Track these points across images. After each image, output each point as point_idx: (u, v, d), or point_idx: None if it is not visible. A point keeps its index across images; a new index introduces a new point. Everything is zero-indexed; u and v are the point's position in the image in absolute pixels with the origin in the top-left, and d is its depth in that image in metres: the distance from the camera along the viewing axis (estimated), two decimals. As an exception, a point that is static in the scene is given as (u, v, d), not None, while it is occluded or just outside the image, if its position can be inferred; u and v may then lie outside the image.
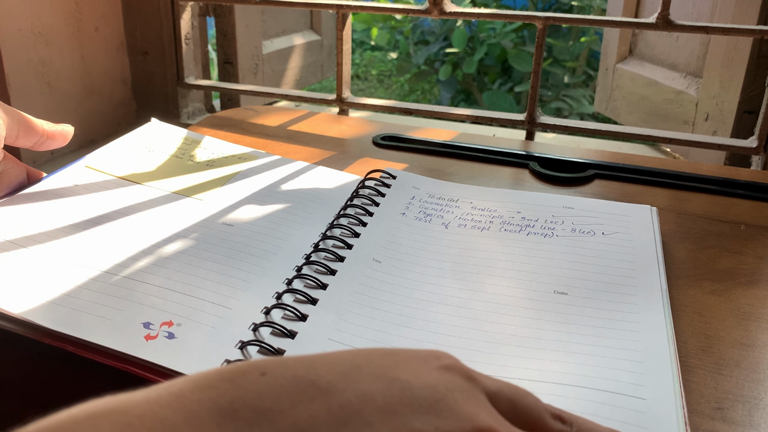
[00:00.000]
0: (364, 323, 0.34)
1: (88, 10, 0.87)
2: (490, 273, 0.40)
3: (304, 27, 1.28)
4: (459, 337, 0.34)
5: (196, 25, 0.95)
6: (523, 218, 0.46)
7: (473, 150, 0.63)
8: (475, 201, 0.48)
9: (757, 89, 0.76)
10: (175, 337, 0.31)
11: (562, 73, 2.56)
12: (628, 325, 0.35)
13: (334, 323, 0.34)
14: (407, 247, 0.42)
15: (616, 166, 0.58)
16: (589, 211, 0.46)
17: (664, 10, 0.67)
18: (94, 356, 0.31)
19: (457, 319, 0.35)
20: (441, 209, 0.47)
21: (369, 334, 0.33)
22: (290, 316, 0.34)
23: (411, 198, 0.49)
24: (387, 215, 0.46)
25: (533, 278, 0.39)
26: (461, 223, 0.45)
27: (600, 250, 0.42)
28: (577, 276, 0.39)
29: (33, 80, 0.81)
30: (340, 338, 0.33)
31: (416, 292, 0.37)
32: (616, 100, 1.07)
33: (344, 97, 0.81)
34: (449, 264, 0.40)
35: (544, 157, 0.60)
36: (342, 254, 0.40)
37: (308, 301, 0.35)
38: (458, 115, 0.77)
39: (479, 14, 0.74)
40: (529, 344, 0.33)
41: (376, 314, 0.35)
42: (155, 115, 0.96)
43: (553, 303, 0.37)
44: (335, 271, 0.38)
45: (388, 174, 0.51)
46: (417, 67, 2.94)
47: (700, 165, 0.60)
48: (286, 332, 0.32)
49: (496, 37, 2.66)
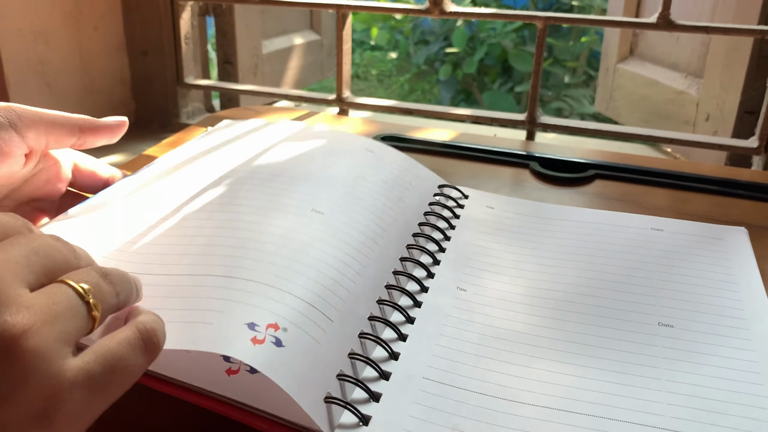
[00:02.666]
0: (459, 359, 0.32)
1: (87, 10, 0.87)
2: (587, 302, 0.37)
3: (304, 27, 1.28)
4: (565, 381, 0.31)
5: (195, 25, 0.95)
6: (611, 240, 0.43)
7: (474, 150, 0.63)
8: (555, 221, 0.45)
9: (758, 89, 0.76)
10: (283, 345, 0.27)
11: (562, 73, 2.56)
12: (744, 365, 0.32)
13: (427, 360, 0.31)
14: (492, 273, 0.39)
15: (616, 166, 0.58)
16: (679, 234, 0.44)
17: (664, 10, 0.66)
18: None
19: (559, 354, 0.33)
20: (522, 229, 0.44)
21: (464, 370, 0.31)
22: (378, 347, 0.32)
23: (488, 218, 0.45)
24: (465, 238, 0.42)
25: (635, 308, 0.36)
26: (545, 245, 0.42)
27: (698, 278, 0.39)
28: (678, 306, 0.36)
29: (32, 80, 0.80)
30: (434, 376, 0.31)
31: (509, 323, 0.35)
32: (616, 100, 1.07)
33: (344, 97, 0.81)
34: (539, 291, 0.38)
35: (544, 157, 0.60)
36: (426, 284, 0.37)
37: (399, 338, 0.32)
38: (458, 115, 0.77)
39: (479, 14, 0.74)
40: (641, 383, 0.31)
41: (469, 348, 0.33)
42: (155, 115, 0.96)
43: (660, 337, 0.34)
44: (420, 303, 0.35)
45: (460, 192, 0.48)
46: (417, 67, 2.94)
47: (700, 165, 0.60)
48: (379, 372, 0.30)
49: (496, 37, 2.66)
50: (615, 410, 0.29)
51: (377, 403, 0.28)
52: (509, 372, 0.31)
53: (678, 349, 0.33)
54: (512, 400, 0.29)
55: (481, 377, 0.31)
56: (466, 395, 0.29)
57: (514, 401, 0.29)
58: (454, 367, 0.31)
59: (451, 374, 0.31)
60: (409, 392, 0.29)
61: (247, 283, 0.30)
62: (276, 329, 0.28)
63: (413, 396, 0.29)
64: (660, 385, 0.31)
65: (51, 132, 0.36)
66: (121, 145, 0.96)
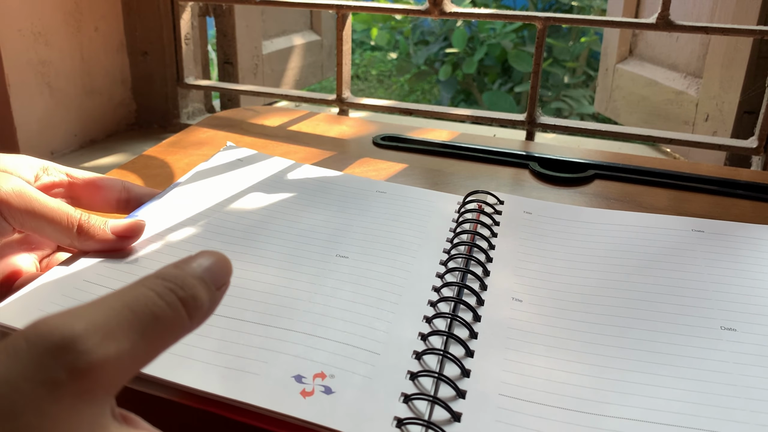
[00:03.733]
0: (530, 372, 0.31)
1: (88, 10, 0.87)
2: (646, 307, 0.36)
3: (304, 27, 1.28)
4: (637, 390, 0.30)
5: (195, 25, 0.95)
6: (655, 243, 0.42)
7: (473, 150, 0.63)
8: (594, 225, 0.44)
9: (758, 89, 0.76)
10: (333, 391, 0.28)
11: (562, 73, 2.56)
12: None
13: (499, 376, 0.30)
14: (543, 281, 0.38)
15: (616, 166, 0.58)
16: (722, 234, 0.43)
17: (664, 11, 0.67)
18: (245, 419, 0.27)
19: (624, 362, 0.32)
20: (564, 235, 0.43)
21: (538, 384, 0.30)
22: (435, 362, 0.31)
23: (528, 224, 0.44)
24: (510, 246, 0.41)
25: (695, 313, 0.35)
26: (591, 249, 0.42)
27: (749, 279, 0.38)
28: (736, 309, 0.36)
29: (33, 80, 0.81)
30: (509, 392, 0.30)
31: (572, 332, 0.34)
32: (616, 101, 1.07)
33: (344, 97, 0.81)
34: (595, 297, 0.37)
35: (544, 158, 0.60)
36: (482, 296, 0.36)
37: (466, 353, 0.31)
38: (458, 115, 0.77)
39: (479, 14, 0.74)
40: (720, 391, 0.30)
41: (537, 361, 0.32)
42: (155, 115, 0.96)
43: (725, 341, 0.33)
44: (480, 317, 0.34)
45: (495, 198, 0.47)
46: (417, 68, 2.94)
47: (700, 165, 0.60)
48: (451, 384, 0.29)
49: (496, 38, 2.66)
50: (700, 420, 0.28)
51: (459, 423, 0.27)
52: (583, 384, 0.30)
53: (746, 353, 0.32)
54: (594, 413, 0.28)
55: (556, 390, 0.30)
56: (545, 410, 0.28)
57: (596, 414, 0.28)
58: (526, 381, 0.30)
59: (526, 389, 0.30)
60: (489, 410, 0.28)
61: (286, 333, 0.31)
62: (323, 378, 0.28)
63: (494, 414, 0.28)
64: (737, 392, 0.30)
65: (43, 231, 0.33)
66: (121, 145, 0.97)
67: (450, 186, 0.55)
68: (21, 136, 0.80)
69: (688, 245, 0.42)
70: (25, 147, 0.81)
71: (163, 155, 0.61)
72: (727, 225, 0.44)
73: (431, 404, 0.28)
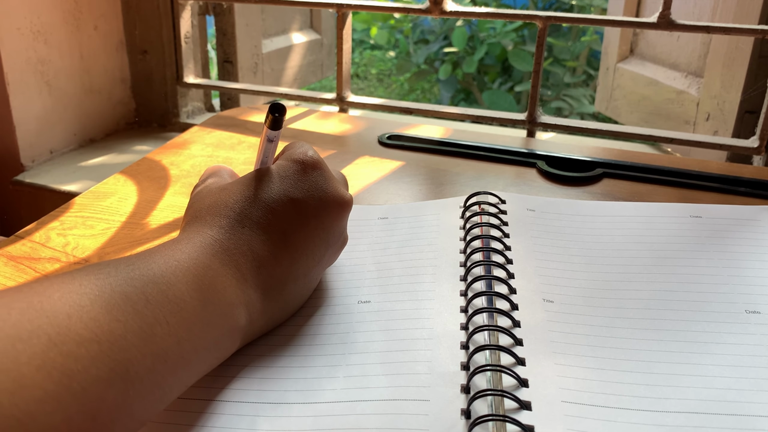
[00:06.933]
0: (584, 375, 0.30)
1: (87, 9, 0.87)
2: (673, 297, 0.36)
3: (304, 26, 1.28)
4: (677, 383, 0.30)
5: (195, 24, 0.94)
6: (661, 232, 0.42)
7: (479, 149, 0.62)
8: (599, 217, 0.44)
9: (759, 89, 0.76)
10: None
11: (562, 72, 2.56)
12: None
13: (556, 382, 0.30)
14: (566, 279, 0.38)
15: (624, 164, 0.57)
16: (719, 219, 0.43)
17: (665, 10, 0.66)
18: None
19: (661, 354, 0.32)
20: (571, 230, 0.43)
21: (594, 386, 0.30)
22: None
23: (534, 222, 0.44)
24: (524, 246, 0.41)
25: (719, 299, 0.35)
26: (602, 243, 0.41)
27: (759, 260, 0.39)
28: (755, 292, 0.36)
29: (32, 79, 0.80)
30: (570, 398, 0.29)
31: (610, 329, 0.34)
32: (616, 100, 1.07)
33: (344, 96, 0.81)
34: (622, 291, 0.37)
35: (551, 156, 0.59)
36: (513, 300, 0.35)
37: (517, 362, 0.30)
38: (458, 114, 0.77)
39: (479, 13, 0.74)
40: (765, 375, 0.30)
41: (588, 362, 0.31)
42: (155, 114, 0.96)
43: (753, 324, 0.33)
44: (518, 322, 0.33)
45: (498, 198, 0.46)
46: (417, 67, 2.93)
47: (709, 163, 0.60)
48: (513, 398, 0.28)
49: (496, 37, 2.66)
50: (754, 406, 0.28)
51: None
52: (637, 381, 0.30)
53: None
54: (656, 410, 0.28)
55: (613, 391, 0.29)
56: (609, 413, 0.28)
57: (658, 411, 0.28)
58: (583, 385, 0.29)
59: (585, 393, 0.29)
60: (558, 419, 0.27)
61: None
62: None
63: (564, 423, 0.27)
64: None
65: None
66: (120, 144, 0.96)
67: (456, 186, 0.54)
68: (20, 135, 0.80)
69: (692, 231, 0.42)
70: (24, 146, 0.80)
71: (167, 157, 0.61)
72: (722, 209, 0.45)
73: (501, 423, 0.27)
